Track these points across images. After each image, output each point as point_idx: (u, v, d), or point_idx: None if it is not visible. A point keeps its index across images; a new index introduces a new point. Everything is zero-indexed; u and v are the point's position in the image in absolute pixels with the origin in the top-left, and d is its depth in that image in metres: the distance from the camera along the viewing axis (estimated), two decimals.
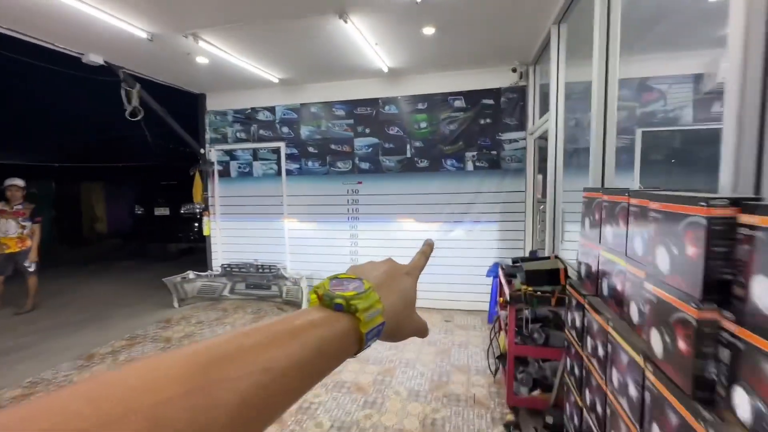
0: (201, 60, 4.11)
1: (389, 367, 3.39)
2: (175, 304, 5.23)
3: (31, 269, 5.08)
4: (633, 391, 1.29)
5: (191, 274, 5.42)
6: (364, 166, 5.03)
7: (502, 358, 3.06)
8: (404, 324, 0.40)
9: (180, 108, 5.43)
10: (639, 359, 1.24)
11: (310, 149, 5.20)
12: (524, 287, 2.52)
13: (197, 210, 6.36)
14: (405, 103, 4.83)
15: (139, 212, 8.73)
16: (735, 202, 0.87)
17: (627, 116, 3.55)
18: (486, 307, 4.67)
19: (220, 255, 5.70)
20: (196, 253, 8.32)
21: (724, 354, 0.89)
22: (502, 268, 3.27)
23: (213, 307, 5.22)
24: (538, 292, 2.48)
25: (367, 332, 0.33)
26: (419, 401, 2.84)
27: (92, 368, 3.46)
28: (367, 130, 4.98)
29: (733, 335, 0.86)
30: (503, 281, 3.02)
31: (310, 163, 5.22)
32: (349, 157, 5.06)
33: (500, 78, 4.51)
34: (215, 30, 3.42)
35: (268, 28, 3.37)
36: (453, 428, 2.52)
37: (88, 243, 12.09)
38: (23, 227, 5.01)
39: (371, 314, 0.34)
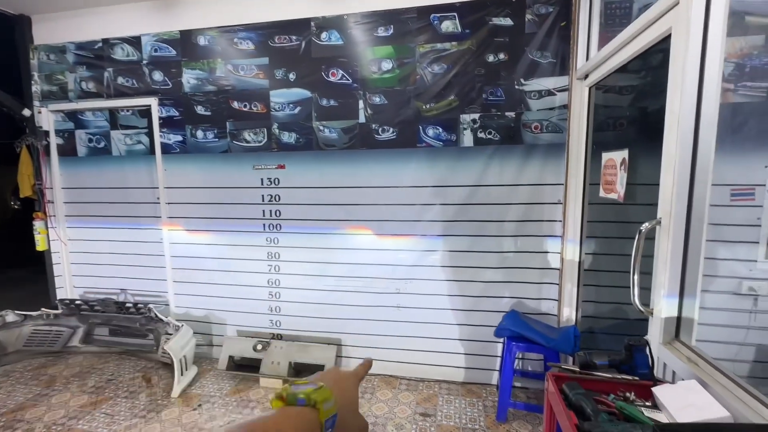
0: None
1: None
2: None
3: None
4: None
5: (10, 316, 3.30)
6: (288, 138, 2.95)
7: None
8: (349, 420, 0.45)
9: None
10: None
11: (199, 109, 3.08)
12: None
13: (15, 207, 4.14)
14: (356, 26, 2.75)
15: None
16: None
17: None
18: (492, 379, 2.74)
19: (69, 282, 3.59)
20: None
21: None
22: (555, 381, 1.29)
23: (40, 372, 3.14)
24: None
25: (325, 421, 0.39)
26: None
27: None
28: (292, 77, 2.88)
29: None
30: (558, 406, 1.04)
31: (199, 133, 3.11)
32: (264, 123, 2.97)
33: None
34: None
35: None
36: None
37: None
38: None
39: (327, 405, 0.40)
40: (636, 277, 1.45)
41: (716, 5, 1.22)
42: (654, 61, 1.77)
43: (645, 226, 1.43)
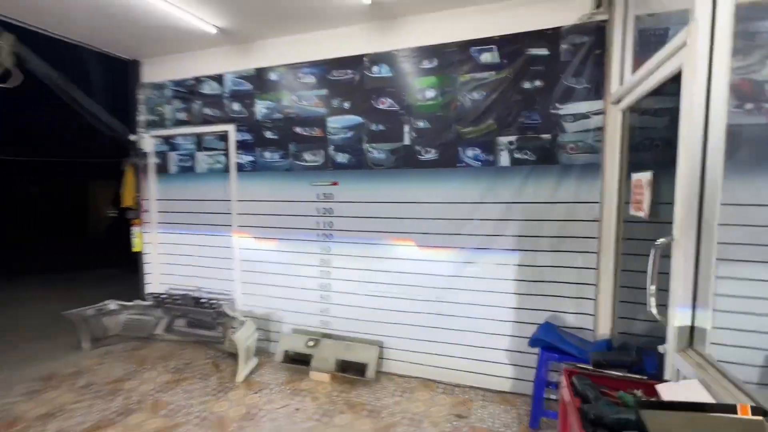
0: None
1: None
2: (84, 345, 3.81)
3: None
4: None
5: (112, 305, 3.98)
6: (342, 158, 3.35)
7: None
8: None
9: (107, 80, 4.03)
10: None
11: (268, 134, 3.59)
12: None
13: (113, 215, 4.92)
14: (403, 60, 3.10)
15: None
16: None
17: None
18: (527, 389, 2.84)
19: (157, 279, 4.24)
20: (115, 278, 6.36)
21: None
22: (570, 377, 1.46)
23: (134, 353, 3.74)
24: None
25: None
26: None
27: None
28: (346, 105, 3.29)
29: None
30: (567, 395, 1.21)
31: (267, 154, 3.62)
32: (321, 145, 3.40)
33: (561, 12, 2.67)
34: None
35: None
36: None
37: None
38: None
39: None
40: (653, 287, 1.58)
41: (720, 47, 1.37)
42: (676, 88, 1.89)
43: (661, 241, 1.57)
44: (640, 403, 1.06)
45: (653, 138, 2.33)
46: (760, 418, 0.96)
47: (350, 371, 3.17)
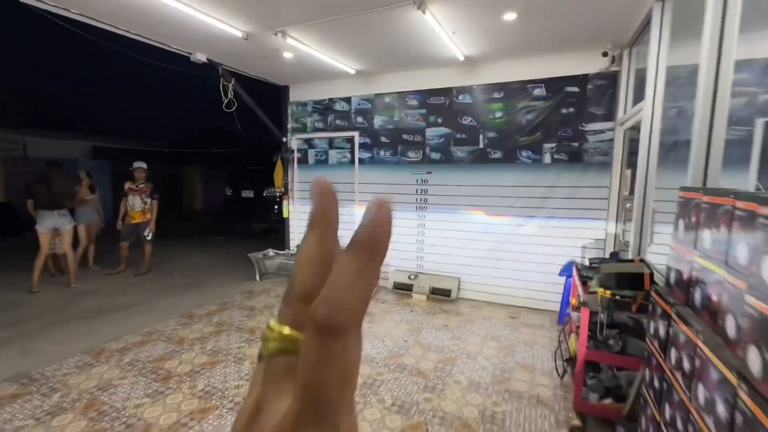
0: (287, 55, 4.43)
1: (450, 356, 3.44)
2: (257, 278, 5.81)
3: (149, 238, 5.99)
4: (722, 410, 1.19)
5: (271, 252, 5.96)
6: (435, 156, 5.03)
7: (571, 361, 2.92)
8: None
9: (266, 99, 5.91)
10: (732, 378, 1.14)
11: (383, 139, 5.33)
12: (601, 290, 2.37)
13: (277, 194, 6.93)
14: (480, 92, 4.71)
15: (229, 194, 9.78)
16: None
17: (745, 104, 3.06)
18: (556, 307, 4.45)
19: (297, 236, 6.17)
20: (274, 233, 9.14)
21: None
22: (578, 268, 3.09)
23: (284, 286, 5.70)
24: (617, 296, 2.32)
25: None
26: (479, 393, 2.86)
27: (191, 326, 4.03)
28: (440, 120, 4.95)
29: None
30: (577, 282, 2.86)
31: (381, 153, 5.37)
32: (420, 147, 5.10)
33: (588, 63, 4.16)
34: (301, 27, 3.65)
35: (349, 21, 3.51)
36: (514, 424, 2.50)
37: (187, 219, 13.80)
38: (145, 203, 5.92)
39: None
40: (626, 228, 3.16)
41: (657, 109, 2.90)
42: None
43: (629, 205, 3.14)
44: (601, 260, 2.68)
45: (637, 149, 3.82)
46: (641, 262, 2.54)
47: (439, 294, 4.93)
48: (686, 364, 1.50)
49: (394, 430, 2.43)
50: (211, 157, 13.11)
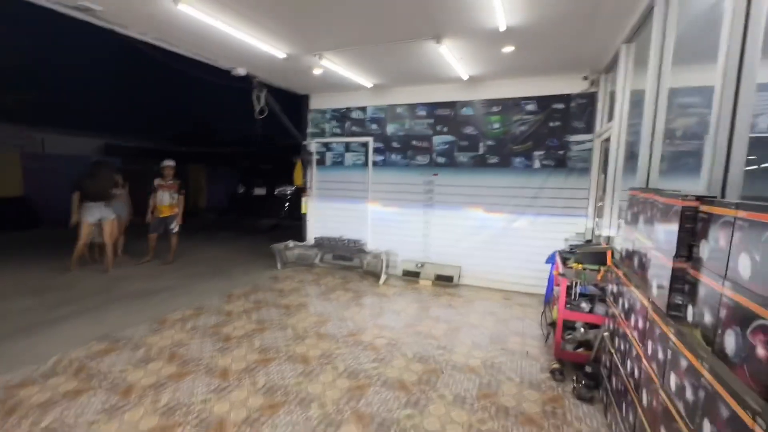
0: (316, 71, 5.13)
1: (456, 326, 4.18)
2: (278, 266, 6.48)
3: (175, 230, 6.61)
4: (640, 322, 1.95)
5: (291, 243, 6.64)
6: (441, 160, 5.78)
7: (553, 325, 3.68)
8: None
9: (285, 106, 6.60)
10: (644, 300, 1.90)
11: (394, 144, 6.06)
12: (576, 264, 3.14)
13: (287, 193, 7.62)
14: (480, 105, 5.47)
15: (241, 191, 10.41)
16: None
17: (697, 122, 3.87)
18: (543, 291, 5.22)
19: (313, 229, 6.86)
20: (281, 229, 9.80)
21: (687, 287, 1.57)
22: (560, 253, 3.85)
23: (308, 271, 6.40)
24: (587, 269, 3.09)
25: None
26: (481, 350, 3.60)
27: (233, 303, 4.70)
28: (445, 129, 5.70)
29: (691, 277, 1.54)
30: (559, 262, 3.63)
31: (393, 156, 6.10)
32: (428, 153, 5.84)
33: (571, 84, 4.96)
34: (335, 51, 4.37)
35: (376, 48, 4.24)
36: (509, 369, 3.25)
37: (191, 215, 14.17)
38: (173, 198, 6.54)
39: None
40: (599, 219, 3.95)
41: (622, 126, 3.68)
42: None
43: (600, 203, 3.92)
44: (578, 245, 3.45)
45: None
46: (607, 246, 3.31)
47: (443, 280, 5.67)
48: (626, 304, 2.27)
49: (417, 372, 3.16)
50: (214, 156, 13.52)
